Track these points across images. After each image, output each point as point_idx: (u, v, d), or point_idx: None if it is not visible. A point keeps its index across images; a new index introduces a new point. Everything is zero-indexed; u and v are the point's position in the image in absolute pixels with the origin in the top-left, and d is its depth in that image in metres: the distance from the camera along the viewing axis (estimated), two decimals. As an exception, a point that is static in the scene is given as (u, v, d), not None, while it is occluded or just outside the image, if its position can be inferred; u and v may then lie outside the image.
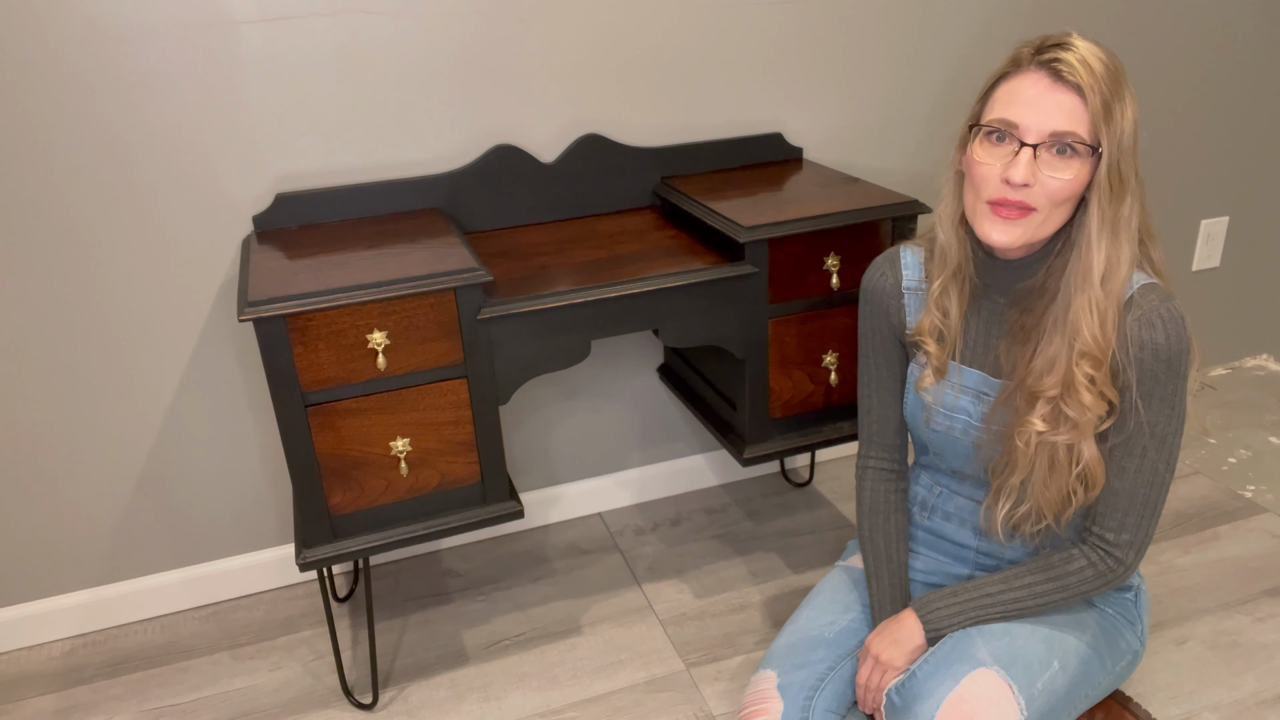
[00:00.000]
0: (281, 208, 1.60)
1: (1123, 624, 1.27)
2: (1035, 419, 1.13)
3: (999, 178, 1.07)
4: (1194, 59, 2.16)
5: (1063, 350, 1.10)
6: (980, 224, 1.11)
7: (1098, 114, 1.04)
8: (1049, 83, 1.05)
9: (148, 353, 1.64)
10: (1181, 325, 1.09)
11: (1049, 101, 1.05)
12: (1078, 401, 1.10)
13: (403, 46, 1.60)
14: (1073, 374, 1.10)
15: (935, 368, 1.25)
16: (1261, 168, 2.35)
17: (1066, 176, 1.05)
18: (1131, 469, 1.14)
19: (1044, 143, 1.05)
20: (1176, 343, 1.09)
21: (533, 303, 1.39)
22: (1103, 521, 1.16)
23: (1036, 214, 1.08)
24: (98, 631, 1.78)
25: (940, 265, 1.21)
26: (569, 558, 1.92)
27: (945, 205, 1.19)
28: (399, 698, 1.59)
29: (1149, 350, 1.09)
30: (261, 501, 1.81)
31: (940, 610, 1.20)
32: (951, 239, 1.19)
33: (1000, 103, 1.08)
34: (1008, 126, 1.07)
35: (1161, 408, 1.12)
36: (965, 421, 1.24)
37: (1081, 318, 1.08)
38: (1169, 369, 1.10)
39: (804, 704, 1.20)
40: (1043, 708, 1.13)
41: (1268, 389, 2.43)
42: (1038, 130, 1.05)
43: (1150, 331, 1.09)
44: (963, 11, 1.91)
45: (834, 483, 2.12)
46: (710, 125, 1.82)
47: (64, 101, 1.47)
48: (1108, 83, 1.05)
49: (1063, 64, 1.04)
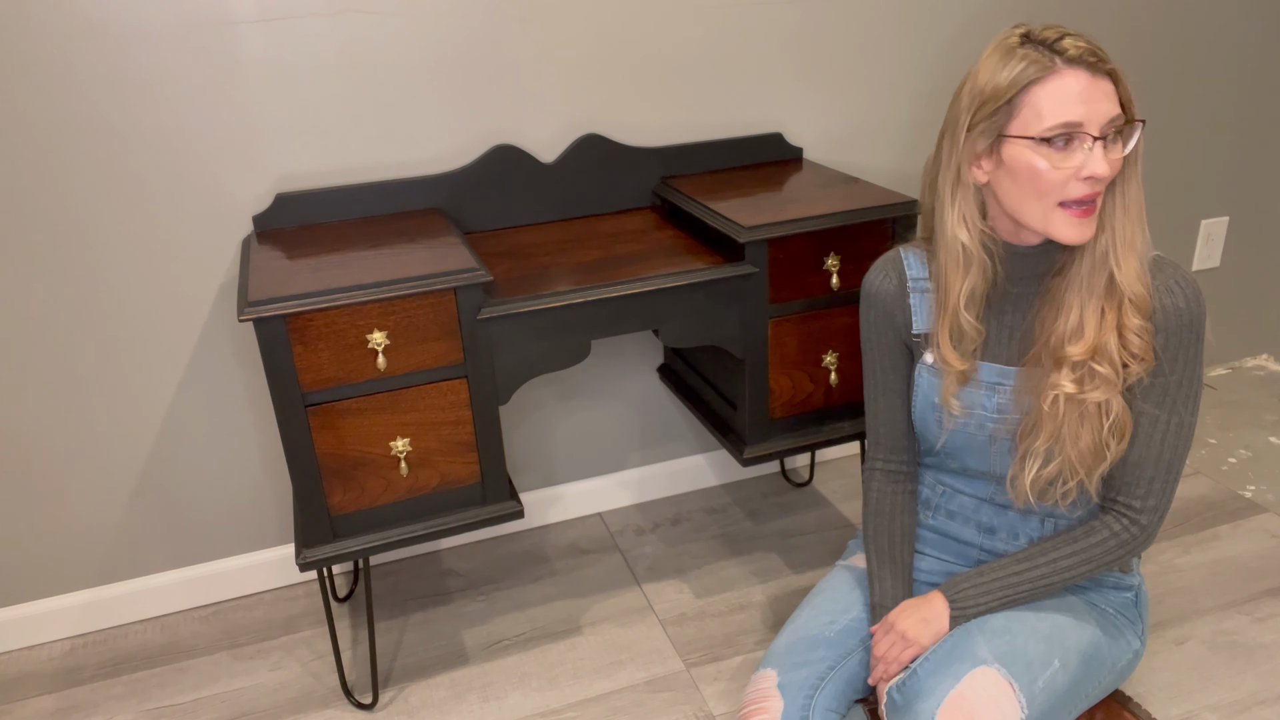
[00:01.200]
0: (281, 208, 1.60)
1: (1123, 623, 1.27)
2: (1065, 381, 1.15)
3: (1076, 178, 1.09)
4: (1194, 59, 2.16)
5: (1091, 315, 1.14)
6: (1056, 228, 1.11)
7: (1127, 90, 1.11)
8: (1089, 76, 1.08)
9: (148, 352, 1.64)
10: (1198, 290, 1.14)
11: (1099, 93, 1.08)
12: (1123, 354, 1.13)
13: (402, 46, 1.60)
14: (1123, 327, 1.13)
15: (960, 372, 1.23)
16: (1261, 168, 2.35)
17: (1121, 156, 1.11)
18: (1157, 435, 1.16)
19: (1106, 134, 1.09)
20: (1196, 306, 1.14)
21: (533, 303, 1.39)
22: (1127, 489, 1.19)
23: (1099, 201, 1.12)
24: (98, 631, 1.78)
25: (960, 272, 1.19)
26: (569, 558, 1.92)
27: (954, 212, 1.17)
28: (399, 698, 1.59)
29: (1172, 315, 1.13)
30: (261, 501, 1.81)
31: (967, 591, 1.21)
32: (976, 245, 1.18)
33: (1047, 108, 1.08)
34: (1073, 129, 1.08)
35: (1185, 371, 1.15)
36: (982, 415, 1.23)
37: (1134, 278, 1.13)
38: (1190, 332, 1.14)
39: (804, 703, 1.20)
40: (1043, 706, 1.13)
41: (1268, 389, 2.43)
42: (1099, 123, 1.08)
43: (1172, 298, 1.14)
44: (963, 12, 1.91)
45: (834, 483, 2.12)
46: (710, 125, 1.82)
47: (64, 101, 1.47)
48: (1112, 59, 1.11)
49: (1092, 54, 1.08)
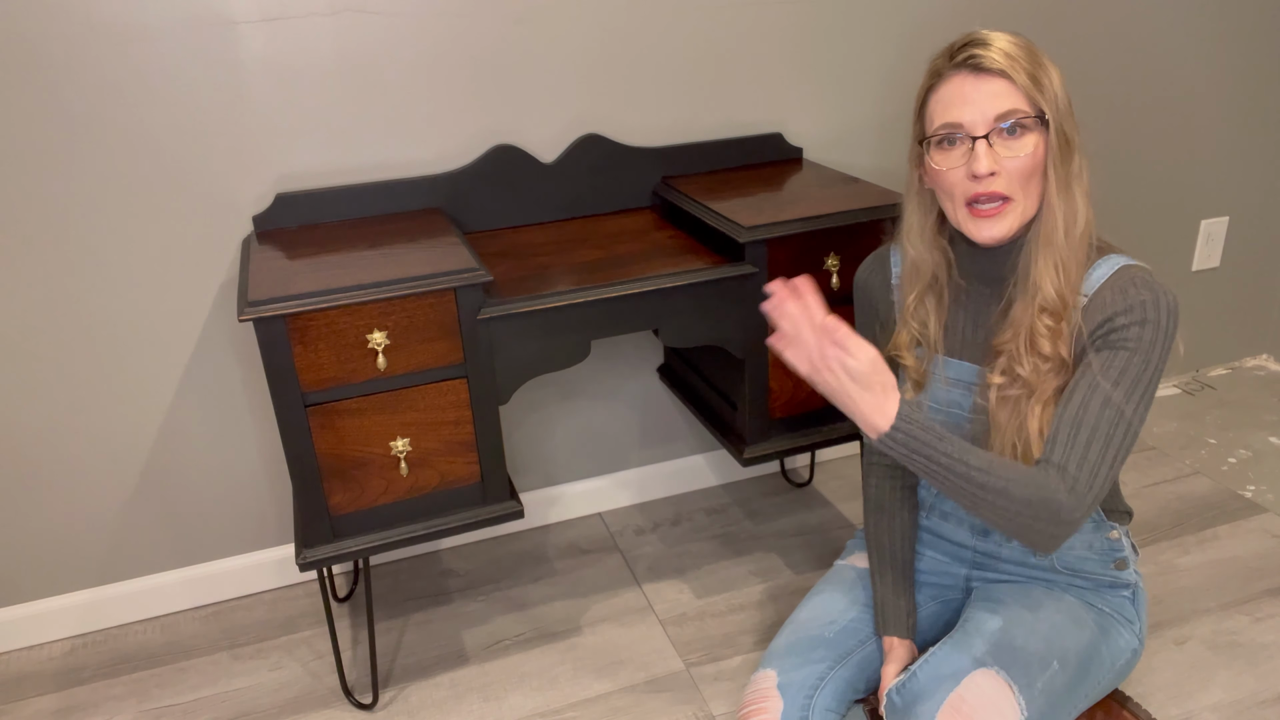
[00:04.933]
0: (281, 208, 1.60)
1: (1121, 622, 1.27)
2: (995, 377, 1.16)
3: (965, 177, 1.11)
4: (1194, 59, 2.16)
5: (1020, 306, 1.14)
6: (967, 227, 1.14)
7: (1028, 86, 1.08)
8: (973, 78, 1.10)
9: (148, 352, 1.64)
10: (1169, 295, 1.09)
11: (981, 93, 1.09)
12: (1036, 353, 1.12)
13: (403, 46, 1.60)
14: (1032, 326, 1.12)
15: (914, 380, 1.27)
16: (1261, 168, 2.35)
17: (1025, 152, 1.09)
18: (1095, 402, 1.08)
19: (992, 130, 1.09)
20: (1162, 298, 1.08)
21: (533, 303, 1.39)
22: (1062, 451, 1.08)
23: (1014, 201, 1.11)
24: (98, 631, 1.78)
25: (913, 279, 1.24)
26: (569, 558, 1.92)
27: (911, 221, 1.23)
28: (399, 698, 1.59)
29: (1134, 301, 1.09)
30: (261, 501, 1.81)
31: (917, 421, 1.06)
32: (924, 252, 1.22)
33: (937, 112, 1.12)
34: (953, 128, 1.10)
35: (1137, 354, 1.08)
36: (959, 415, 1.24)
37: (1044, 276, 1.11)
38: (1154, 322, 1.08)
39: (804, 703, 1.20)
40: (1043, 707, 1.13)
41: (1268, 389, 2.43)
42: (982, 120, 1.09)
43: (1134, 289, 1.09)
44: (963, 12, 1.91)
45: (834, 483, 2.12)
46: (710, 125, 1.82)
47: (64, 101, 1.47)
48: (1025, 59, 1.09)
49: (980, 57, 1.09)
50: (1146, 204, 2.27)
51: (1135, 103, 2.15)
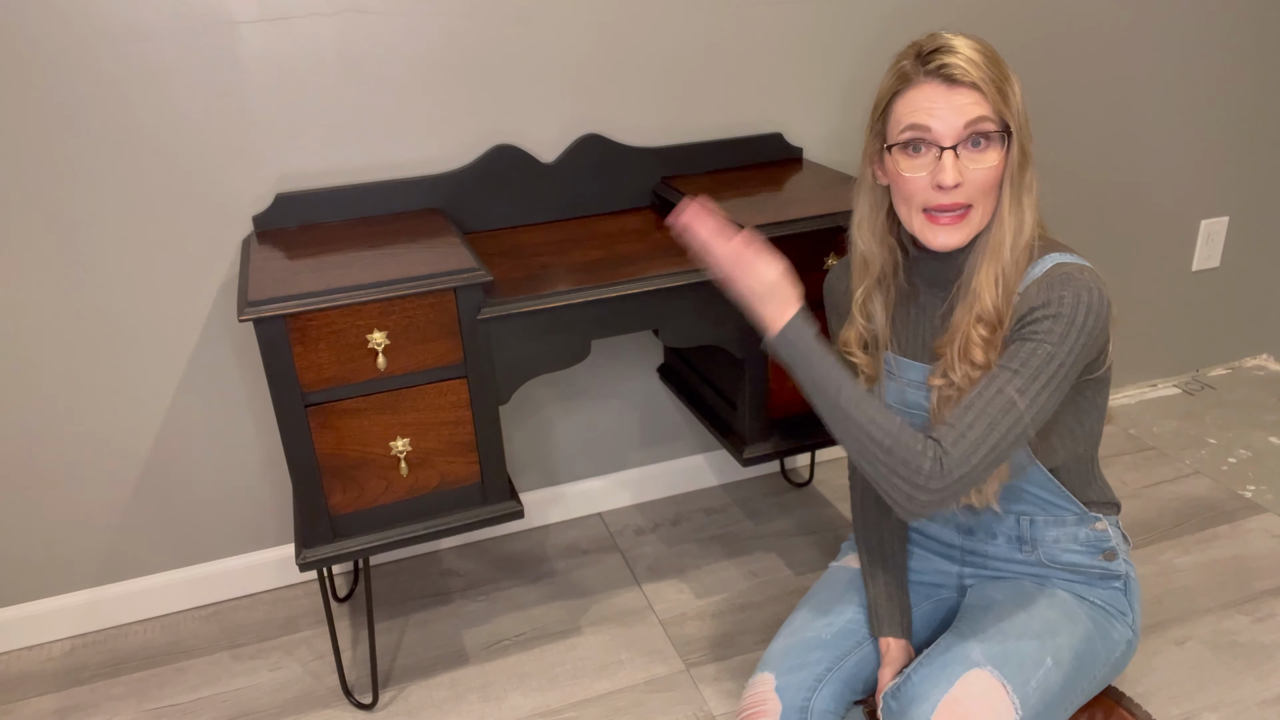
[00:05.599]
0: (281, 208, 1.60)
1: (1114, 614, 1.27)
2: (935, 376, 1.18)
3: (929, 185, 1.11)
4: (1194, 59, 2.16)
5: (960, 312, 1.15)
6: (923, 233, 1.14)
7: (997, 101, 1.09)
8: (945, 88, 1.09)
9: (148, 352, 1.64)
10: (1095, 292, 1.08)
11: (952, 105, 1.09)
12: (968, 360, 1.13)
13: (402, 46, 1.60)
14: (968, 334, 1.13)
15: (867, 375, 1.28)
16: (1261, 168, 2.35)
17: (989, 165, 1.10)
18: (989, 391, 1.08)
19: (960, 141, 1.09)
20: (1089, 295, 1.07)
21: (533, 303, 1.39)
22: (945, 428, 1.09)
23: (974, 210, 1.12)
24: (98, 631, 1.78)
25: (861, 273, 1.24)
26: (569, 558, 1.92)
27: (862, 215, 1.23)
28: (399, 698, 1.59)
29: (1045, 299, 1.08)
30: (261, 501, 1.81)
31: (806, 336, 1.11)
32: (874, 247, 1.22)
33: (904, 116, 1.12)
34: (921, 133, 1.10)
35: (1045, 340, 1.07)
36: (921, 416, 1.24)
37: (984, 286, 1.12)
38: (1069, 316, 1.07)
39: (802, 705, 1.20)
40: (1037, 706, 1.13)
41: (1268, 389, 2.43)
42: (951, 132, 1.09)
43: (1059, 286, 1.08)
44: (963, 12, 1.90)
45: (834, 483, 2.12)
46: (710, 125, 1.82)
47: (64, 101, 1.47)
48: (993, 70, 1.10)
49: (953, 68, 1.09)
50: (1146, 204, 2.27)
51: (1135, 102, 2.15)
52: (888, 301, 1.25)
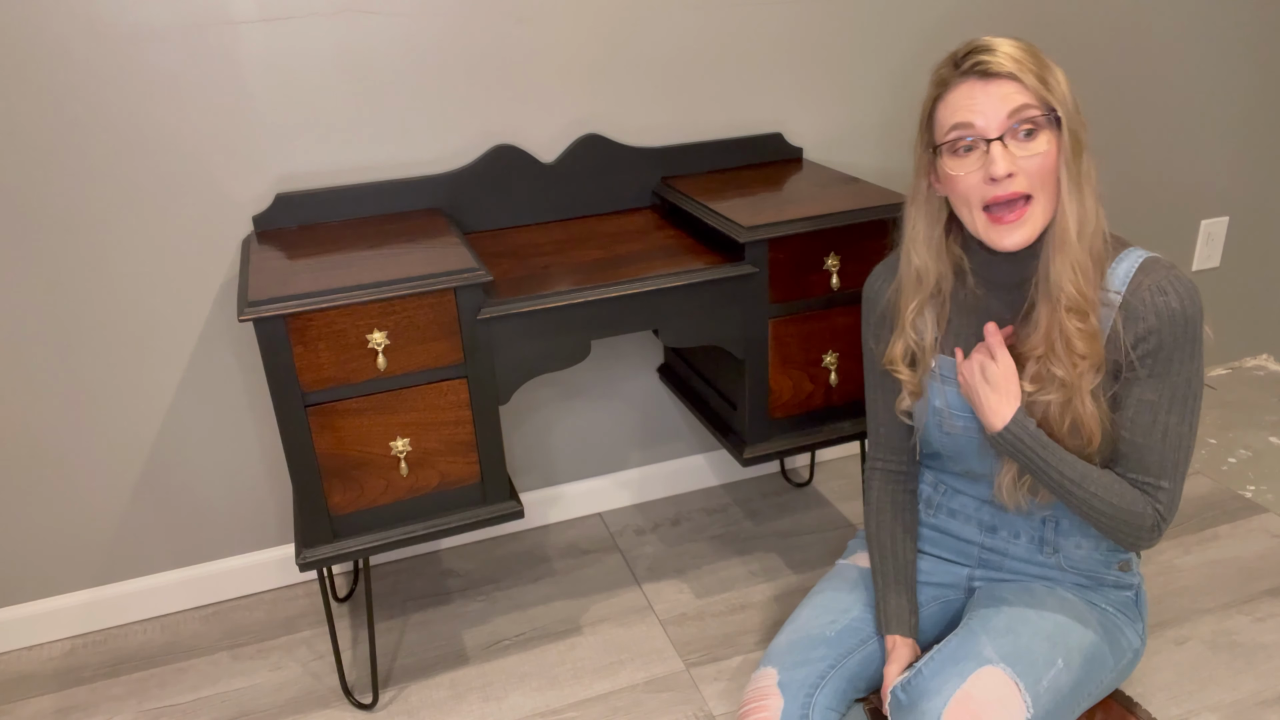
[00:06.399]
0: (281, 208, 1.60)
1: (1124, 622, 1.27)
2: (1024, 380, 1.17)
3: (982, 181, 1.10)
4: (1194, 59, 2.16)
5: (1044, 310, 1.14)
6: (989, 235, 1.13)
7: (1038, 87, 1.09)
8: (982, 83, 1.10)
9: (148, 352, 1.64)
10: (1192, 289, 1.12)
11: (991, 97, 1.09)
12: (1070, 354, 1.13)
13: (402, 46, 1.60)
14: (1062, 328, 1.13)
15: (910, 391, 1.28)
16: (1261, 168, 2.35)
17: (1039, 151, 1.09)
18: (1157, 431, 1.15)
19: (1006, 131, 1.09)
20: (1190, 305, 1.12)
21: (533, 303, 1.39)
22: (1143, 472, 1.17)
23: (1034, 202, 1.11)
24: (98, 631, 1.78)
25: (914, 289, 1.24)
26: (569, 558, 1.92)
27: (917, 231, 1.22)
28: (399, 698, 1.59)
29: (1165, 315, 1.12)
30: (261, 501, 1.81)
31: (1028, 429, 1.16)
32: (929, 262, 1.22)
33: (946, 118, 1.13)
34: (965, 130, 1.10)
35: (1182, 371, 1.14)
36: (978, 421, 1.23)
37: (1064, 275, 1.12)
38: (1185, 331, 1.12)
39: (804, 701, 1.20)
40: (1048, 706, 1.13)
41: (1268, 389, 2.43)
42: (994, 122, 1.09)
43: (1165, 298, 1.12)
44: (963, 11, 1.91)
45: (834, 483, 2.12)
46: (710, 125, 1.82)
47: (64, 102, 1.47)
48: (1032, 60, 1.10)
49: (987, 63, 1.09)
50: (1146, 204, 2.27)
51: (1135, 103, 2.15)
52: (940, 315, 1.25)
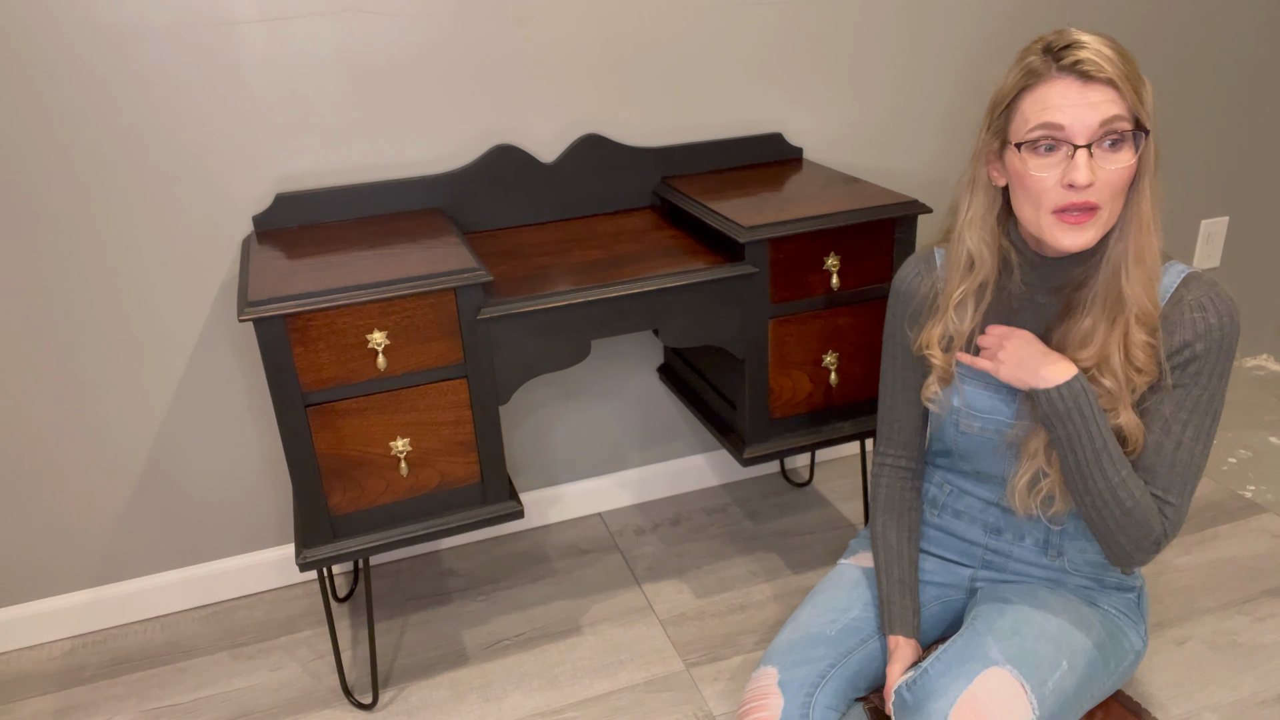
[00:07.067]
0: (281, 208, 1.60)
1: (1127, 624, 1.27)
2: None
3: (1059, 184, 1.08)
4: (1194, 59, 2.16)
5: (1102, 323, 1.13)
6: (1051, 234, 1.11)
7: (1133, 99, 1.06)
8: (1079, 84, 1.06)
9: (148, 352, 1.64)
10: (1232, 307, 1.13)
11: (1087, 101, 1.05)
12: (1129, 367, 1.13)
13: (402, 46, 1.60)
14: (1127, 341, 1.12)
15: (940, 376, 1.26)
16: (1261, 168, 2.35)
17: (1122, 165, 1.07)
18: (1170, 442, 1.14)
19: (1095, 140, 1.06)
20: (1229, 323, 1.12)
21: (533, 303, 1.39)
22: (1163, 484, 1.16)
23: (1102, 210, 1.09)
24: (98, 631, 1.78)
25: (964, 273, 1.21)
26: (569, 558, 1.92)
27: (975, 214, 1.19)
28: (399, 698, 1.59)
29: (1203, 332, 1.12)
30: (261, 501, 1.81)
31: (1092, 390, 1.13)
32: (983, 250, 1.19)
33: (1034, 114, 1.08)
34: (1054, 131, 1.07)
35: (1210, 387, 1.14)
36: (999, 422, 1.23)
37: (1140, 290, 1.11)
38: (1222, 349, 1.13)
39: (804, 700, 1.20)
40: (1053, 707, 1.13)
41: (1268, 389, 2.43)
42: (1085, 130, 1.06)
43: (1204, 314, 1.12)
44: (963, 11, 1.91)
45: (834, 483, 2.12)
46: (710, 125, 1.82)
47: (64, 102, 1.47)
48: (1127, 67, 1.07)
49: (1087, 64, 1.05)
50: (1146, 204, 2.27)
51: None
52: (981, 305, 1.22)
